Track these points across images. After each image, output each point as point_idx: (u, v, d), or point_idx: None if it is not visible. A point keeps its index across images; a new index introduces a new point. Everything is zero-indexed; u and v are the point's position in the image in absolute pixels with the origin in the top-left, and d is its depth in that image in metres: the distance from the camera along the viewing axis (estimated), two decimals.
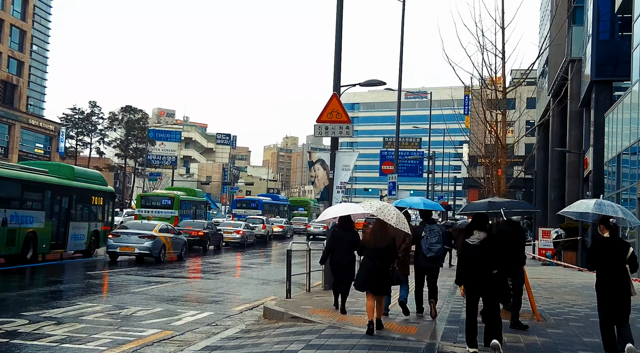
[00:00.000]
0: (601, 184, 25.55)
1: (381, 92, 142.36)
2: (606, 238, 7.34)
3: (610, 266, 7.12)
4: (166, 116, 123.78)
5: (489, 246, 7.25)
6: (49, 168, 21.44)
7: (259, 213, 50.34)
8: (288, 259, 11.96)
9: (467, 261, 7.31)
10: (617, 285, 7.11)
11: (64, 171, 22.24)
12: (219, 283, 15.79)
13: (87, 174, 24.88)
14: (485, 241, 7.26)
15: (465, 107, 70.81)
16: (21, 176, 18.81)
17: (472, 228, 7.40)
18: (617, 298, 7.11)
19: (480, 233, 7.31)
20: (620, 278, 7.10)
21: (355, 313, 10.08)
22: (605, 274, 7.16)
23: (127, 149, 75.99)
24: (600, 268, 7.21)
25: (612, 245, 7.22)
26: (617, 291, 7.09)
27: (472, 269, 7.27)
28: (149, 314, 10.26)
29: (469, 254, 7.29)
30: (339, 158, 14.18)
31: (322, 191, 14.33)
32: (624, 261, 7.12)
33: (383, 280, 8.40)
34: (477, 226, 7.39)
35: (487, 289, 7.26)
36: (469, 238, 7.35)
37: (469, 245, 7.31)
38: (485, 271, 7.22)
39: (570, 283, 17.52)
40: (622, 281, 7.10)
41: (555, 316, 10.58)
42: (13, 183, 18.24)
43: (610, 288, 7.13)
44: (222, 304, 11.99)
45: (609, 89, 27.10)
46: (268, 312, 10.34)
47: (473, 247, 7.25)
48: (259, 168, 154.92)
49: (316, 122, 14.02)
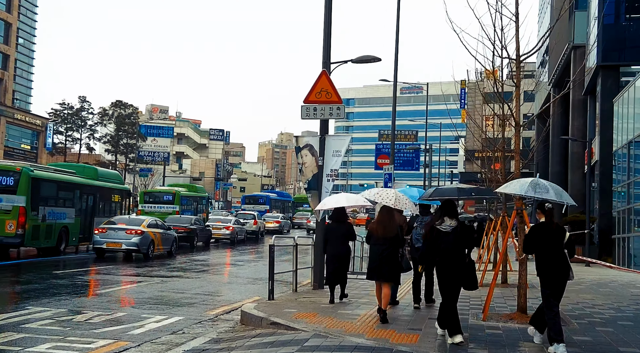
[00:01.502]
0: (609, 174, 24.20)
1: (376, 88, 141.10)
2: (543, 223, 7.29)
3: (550, 251, 7.12)
4: (159, 112, 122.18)
5: (462, 234, 7.26)
6: (75, 169, 24.57)
7: (267, 208, 52.43)
8: (270, 256, 10.53)
9: (439, 248, 7.27)
10: (558, 269, 7.10)
11: (88, 172, 25.39)
12: (199, 283, 14.35)
13: (108, 174, 28.05)
14: (457, 229, 7.25)
15: (461, 100, 69.60)
16: (56, 178, 21.69)
17: (442, 215, 7.33)
18: (560, 282, 7.15)
19: (451, 220, 7.27)
20: (560, 262, 7.09)
21: (348, 317, 8.66)
22: (545, 259, 7.15)
23: (117, 144, 74.66)
24: (540, 253, 7.21)
25: (549, 230, 7.19)
26: (560, 275, 7.11)
27: (445, 256, 7.23)
28: (106, 320, 8.81)
29: (440, 240, 7.25)
30: (330, 143, 12.74)
31: (309, 180, 12.87)
32: (562, 246, 7.14)
33: (392, 267, 8.44)
34: (447, 213, 7.33)
35: (458, 276, 7.25)
36: (439, 224, 7.29)
37: (440, 232, 7.26)
38: (457, 258, 7.24)
39: (583, 279, 16.14)
40: (563, 265, 7.11)
41: (578, 319, 9.17)
42: (51, 184, 21.10)
43: (553, 272, 7.10)
44: (197, 307, 10.55)
45: (616, 74, 25.75)
46: (245, 316, 8.91)
47: (444, 234, 7.23)
48: (253, 164, 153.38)
49: (303, 102, 12.57)
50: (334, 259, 10.46)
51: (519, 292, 9.06)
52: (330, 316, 8.73)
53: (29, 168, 20.17)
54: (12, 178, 19.25)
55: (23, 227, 18.73)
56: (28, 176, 19.51)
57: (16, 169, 19.55)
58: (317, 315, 8.78)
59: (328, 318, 8.50)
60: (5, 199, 18.83)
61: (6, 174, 19.31)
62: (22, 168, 19.90)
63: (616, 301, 11.44)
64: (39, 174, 20.54)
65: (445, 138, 73.40)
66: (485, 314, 8.80)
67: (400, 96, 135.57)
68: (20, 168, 19.75)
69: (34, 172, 20.17)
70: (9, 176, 19.24)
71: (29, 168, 20.17)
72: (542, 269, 7.17)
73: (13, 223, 18.61)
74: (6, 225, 18.47)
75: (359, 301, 10.51)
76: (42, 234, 19.83)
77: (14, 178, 19.23)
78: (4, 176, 19.30)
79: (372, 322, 8.40)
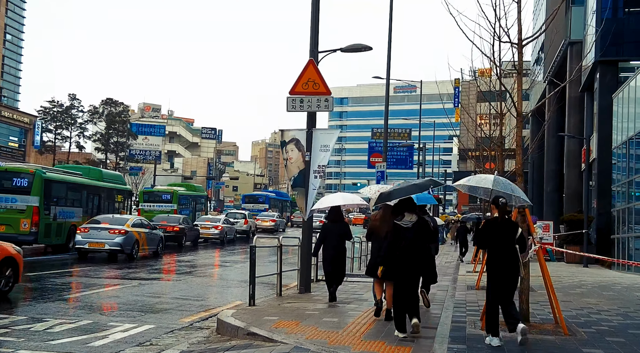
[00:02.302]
0: (607, 172, 23.50)
1: (370, 87, 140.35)
2: (496, 218, 7.31)
3: (501, 246, 7.12)
4: (152, 111, 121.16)
5: (421, 229, 7.35)
6: (81, 171, 26.39)
7: (267, 207, 53.53)
8: (251, 258, 9.73)
9: (400, 243, 7.29)
10: (508, 264, 7.08)
11: (93, 174, 27.11)
12: (180, 286, 13.54)
13: (111, 175, 29.52)
14: (417, 224, 7.34)
15: (455, 99, 68.96)
16: (66, 179, 23.15)
17: (402, 210, 7.41)
18: (508, 278, 7.10)
19: (411, 215, 7.38)
20: (510, 258, 7.09)
21: (333, 326, 7.88)
22: (495, 253, 7.15)
23: (107, 143, 73.75)
24: (491, 248, 7.22)
25: (502, 225, 7.19)
26: (508, 270, 7.09)
27: (406, 251, 7.26)
28: (68, 330, 7.99)
29: (401, 236, 7.30)
30: (317, 137, 11.94)
31: (295, 177, 12.09)
32: (514, 241, 7.13)
33: None
34: (407, 208, 7.42)
35: (418, 270, 7.36)
36: (400, 220, 7.36)
37: (401, 227, 7.32)
38: (417, 252, 7.31)
39: (584, 282, 15.43)
40: (513, 261, 7.10)
41: (584, 327, 8.41)
42: (61, 185, 22.51)
43: (501, 268, 7.09)
44: (172, 313, 9.73)
45: (615, 70, 25.06)
46: (221, 325, 8.11)
47: (405, 230, 7.30)
48: (246, 163, 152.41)
49: (289, 94, 11.79)
50: (330, 259, 10.45)
51: (521, 298, 8.31)
52: (314, 325, 7.95)
53: (41, 171, 21.65)
54: (26, 179, 20.82)
55: (37, 225, 20.18)
56: (41, 177, 20.98)
57: (29, 172, 21.09)
58: (299, 323, 7.99)
59: (311, 328, 7.71)
60: (20, 200, 20.37)
61: (20, 176, 20.91)
62: (36, 170, 21.36)
63: (623, 307, 10.70)
64: (51, 176, 22.05)
65: (439, 137, 72.91)
66: (484, 323, 8.03)
67: (394, 95, 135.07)
68: (34, 170, 21.23)
69: (46, 174, 21.71)
70: (23, 178, 20.84)
71: (41, 171, 21.65)
72: (491, 263, 7.21)
73: (27, 222, 20.08)
74: (21, 223, 19.94)
75: (347, 307, 9.74)
76: (53, 232, 21.23)
77: (28, 180, 20.79)
78: (18, 177, 20.88)
79: (359, 331, 7.63)
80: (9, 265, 10.58)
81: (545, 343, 7.29)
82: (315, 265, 14.15)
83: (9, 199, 20.45)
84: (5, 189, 20.69)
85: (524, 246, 7.32)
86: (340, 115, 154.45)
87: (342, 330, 7.66)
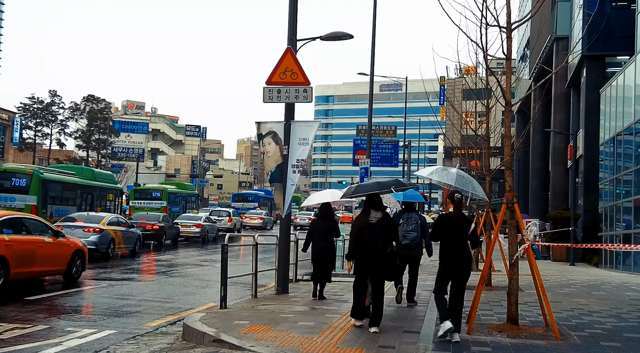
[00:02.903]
0: (594, 169, 23.13)
1: (356, 85, 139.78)
2: (450, 213, 7.45)
3: (453, 241, 7.23)
4: (136, 108, 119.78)
5: (386, 224, 7.53)
6: (75, 171, 27.51)
7: (256, 206, 55.07)
8: (222, 257, 9.10)
9: (364, 237, 7.46)
10: (459, 259, 7.19)
11: (86, 173, 28.51)
12: (152, 286, 12.89)
13: (103, 175, 30.95)
14: (383, 220, 7.54)
15: (441, 97, 68.64)
16: (62, 179, 24.25)
17: (369, 208, 7.63)
18: (458, 272, 7.21)
19: (377, 212, 7.58)
20: (462, 253, 7.20)
21: (309, 331, 7.30)
22: (446, 247, 7.28)
23: (89, 140, 72.61)
24: (442, 242, 7.34)
25: (456, 221, 7.31)
26: (459, 265, 7.19)
27: (370, 245, 7.43)
28: (19, 336, 7.33)
29: (366, 231, 7.47)
30: (295, 130, 11.33)
31: (273, 171, 11.48)
32: (466, 237, 7.23)
33: None
34: (374, 205, 7.64)
35: (380, 265, 7.48)
36: (367, 216, 7.57)
37: (367, 223, 7.52)
38: (381, 246, 7.45)
39: (572, 281, 14.98)
40: (465, 256, 7.21)
41: (576, 331, 7.89)
42: (57, 185, 23.63)
43: (452, 262, 7.21)
44: (137, 317, 9.09)
45: (601, 65, 24.73)
46: (187, 331, 7.49)
47: (370, 225, 7.47)
48: (231, 161, 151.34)
49: (266, 84, 11.18)
50: (317, 256, 10.46)
51: (510, 299, 7.77)
52: (288, 330, 7.35)
53: (39, 171, 22.68)
54: (24, 179, 21.81)
55: None
56: (39, 178, 22.00)
57: (28, 172, 22.08)
58: (272, 328, 7.39)
59: (284, 333, 7.11)
60: (18, 199, 21.28)
61: (19, 176, 21.86)
62: (34, 170, 22.30)
63: (614, 307, 10.22)
64: (48, 176, 23.11)
65: (425, 135, 72.40)
66: (471, 326, 7.49)
67: (380, 93, 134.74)
68: (32, 171, 22.22)
69: (44, 174, 22.68)
70: (22, 178, 21.81)
71: (39, 171, 22.68)
72: (442, 257, 7.34)
73: None
74: None
75: (325, 309, 9.16)
76: None
77: (26, 180, 21.78)
78: (17, 178, 21.85)
79: (336, 337, 7.05)
80: (79, 256, 13.09)
81: (536, 348, 6.76)
82: (295, 264, 13.56)
83: (7, 198, 21.51)
84: (4, 189, 21.65)
85: (476, 242, 7.37)
86: (326, 113, 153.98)
87: (317, 335, 7.07)
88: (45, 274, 12.32)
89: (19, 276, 11.23)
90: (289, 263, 11.38)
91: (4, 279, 10.54)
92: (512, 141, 41.01)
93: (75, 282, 12.79)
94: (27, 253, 11.24)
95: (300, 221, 44.13)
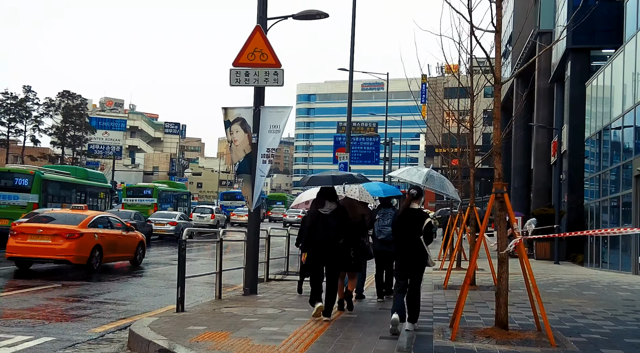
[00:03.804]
0: (579, 164, 22.52)
1: (337, 83, 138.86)
2: (406, 208, 7.33)
3: (405, 235, 7.19)
4: (114, 105, 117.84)
5: (339, 216, 7.68)
6: (69, 171, 29.97)
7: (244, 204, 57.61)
8: (179, 254, 8.17)
9: (318, 228, 7.62)
10: (410, 251, 7.12)
11: (80, 173, 31.02)
12: (111, 286, 11.89)
13: (95, 174, 33.67)
14: (336, 212, 7.68)
15: (422, 95, 68.09)
16: (59, 179, 26.31)
17: (323, 199, 7.76)
18: (411, 267, 7.13)
19: (331, 203, 7.72)
20: (412, 246, 7.12)
21: (271, 339, 6.40)
22: (400, 241, 7.26)
23: (64, 137, 70.93)
24: (397, 237, 7.33)
25: (410, 215, 7.23)
26: (411, 259, 7.12)
27: (323, 235, 7.59)
28: None
29: (319, 221, 7.62)
30: (266, 116, 10.43)
31: (241, 161, 10.56)
32: (419, 232, 7.12)
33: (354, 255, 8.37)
34: (328, 197, 7.78)
35: (333, 256, 7.63)
36: (321, 208, 7.70)
37: (321, 214, 7.66)
38: (334, 237, 7.60)
39: (559, 280, 14.24)
40: (415, 249, 7.11)
41: (572, 335, 7.08)
42: (55, 184, 25.70)
43: (404, 256, 7.17)
44: (84, 321, 8.12)
45: (586, 58, 24.14)
46: (133, 338, 6.56)
47: (324, 216, 7.63)
48: (212, 159, 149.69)
49: (232, 65, 10.26)
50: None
51: (498, 301, 6.94)
52: (248, 336, 6.45)
53: (40, 172, 24.78)
54: (27, 179, 23.65)
55: None
56: (40, 178, 23.88)
57: (30, 173, 24.07)
58: (229, 335, 6.48)
59: (243, 341, 6.21)
60: (21, 197, 23.15)
61: (22, 176, 23.83)
62: (35, 171, 24.47)
63: (609, 309, 9.46)
64: (48, 176, 25.03)
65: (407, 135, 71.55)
66: (455, 331, 6.65)
67: (362, 92, 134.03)
68: (34, 171, 24.31)
69: (44, 174, 24.63)
70: (24, 178, 23.71)
71: (40, 172, 24.78)
72: (397, 251, 7.34)
73: None
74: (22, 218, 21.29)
75: (294, 312, 8.26)
76: None
77: (28, 179, 23.61)
78: (19, 177, 23.75)
79: (302, 345, 6.16)
80: (141, 246, 16.42)
81: None
82: (267, 262, 12.67)
83: (11, 196, 23.21)
84: (8, 188, 23.41)
85: (430, 237, 7.23)
86: (308, 112, 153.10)
87: (281, 343, 6.17)
88: (122, 259, 15.71)
89: (109, 260, 14.98)
90: (257, 262, 10.46)
91: (100, 262, 14.17)
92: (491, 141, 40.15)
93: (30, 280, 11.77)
94: (112, 243, 14.73)
95: (289, 218, 45.10)
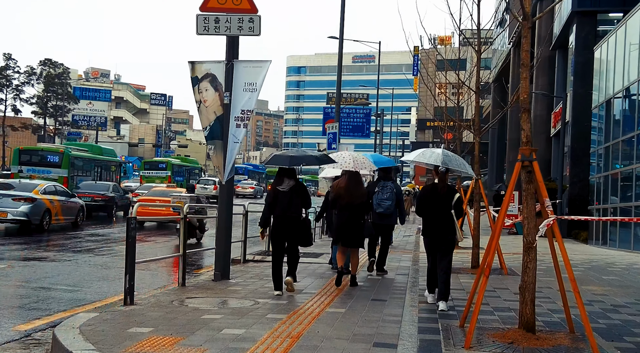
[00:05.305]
0: (584, 135, 21.10)
1: (328, 56, 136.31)
2: (433, 183, 7.40)
3: (435, 211, 7.16)
4: (100, 76, 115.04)
5: (298, 192, 7.84)
6: (87, 147, 35.84)
7: (246, 178, 60.54)
8: (128, 235, 6.64)
9: (276, 205, 7.80)
10: (440, 228, 7.10)
11: (95, 149, 36.76)
12: (64, 269, 10.37)
13: (107, 150, 38.77)
14: (294, 188, 7.83)
15: (414, 68, 66.40)
16: (83, 156, 32.24)
17: (282, 178, 7.90)
18: (444, 243, 7.11)
19: (290, 180, 7.87)
20: (443, 222, 7.10)
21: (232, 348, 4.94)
22: (429, 218, 7.21)
23: (46, 106, 68.78)
24: (428, 214, 7.25)
25: (440, 192, 7.22)
26: (440, 233, 7.10)
27: (282, 212, 7.76)
28: None
29: (278, 199, 7.80)
30: (240, 72, 8.85)
31: (212, 125, 9.01)
32: (449, 207, 7.12)
33: (357, 232, 8.45)
34: (286, 175, 7.92)
35: (294, 231, 7.80)
36: (279, 185, 7.84)
37: (279, 191, 7.82)
38: (293, 213, 7.78)
39: (570, 260, 12.88)
40: (446, 225, 7.10)
41: (613, 339, 5.69)
42: (79, 160, 31.53)
43: (437, 233, 7.12)
44: (10, 315, 6.61)
45: (593, 22, 22.55)
46: (55, 346, 5.07)
47: (283, 194, 7.80)
48: (200, 132, 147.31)
49: (200, 10, 8.65)
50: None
51: (523, 296, 5.53)
52: (204, 344, 4.96)
53: (68, 150, 30.67)
54: (58, 156, 29.54)
55: None
56: (68, 155, 29.83)
57: (60, 151, 30.11)
58: (180, 341, 5.00)
59: (195, 351, 4.73)
60: (53, 171, 28.64)
61: (53, 154, 29.81)
62: (64, 149, 30.38)
63: (637, 293, 8.11)
64: (74, 153, 30.97)
65: (398, 109, 69.87)
66: (470, 338, 5.22)
67: (353, 65, 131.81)
68: (63, 149, 30.32)
69: (72, 152, 30.56)
70: (55, 155, 29.62)
71: (68, 150, 30.67)
72: (425, 228, 7.33)
73: None
74: None
75: (268, 304, 6.80)
76: None
77: (59, 157, 29.50)
78: (52, 154, 29.74)
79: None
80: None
81: None
82: (244, 241, 11.21)
83: (45, 171, 28.67)
84: (42, 164, 29.19)
85: (461, 211, 7.24)
86: (298, 85, 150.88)
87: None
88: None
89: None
90: (230, 242, 8.98)
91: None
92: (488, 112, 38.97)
93: None
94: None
95: None
